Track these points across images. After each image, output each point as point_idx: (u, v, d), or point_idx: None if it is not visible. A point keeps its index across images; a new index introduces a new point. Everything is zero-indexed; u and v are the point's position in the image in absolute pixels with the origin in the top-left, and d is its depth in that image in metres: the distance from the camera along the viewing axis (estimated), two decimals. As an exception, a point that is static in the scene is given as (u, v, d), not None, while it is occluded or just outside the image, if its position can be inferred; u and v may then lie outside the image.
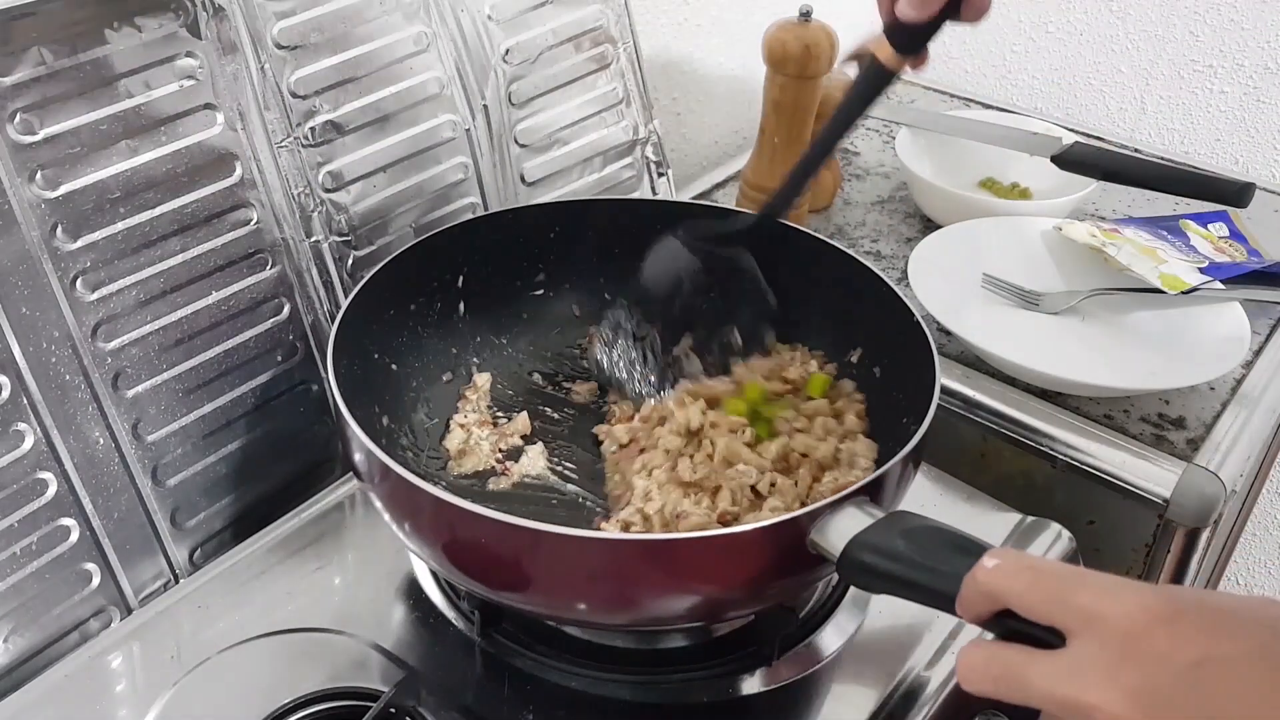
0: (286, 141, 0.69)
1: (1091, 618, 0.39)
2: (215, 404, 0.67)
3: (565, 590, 0.55)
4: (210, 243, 0.66)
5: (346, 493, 0.72)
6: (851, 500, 0.52)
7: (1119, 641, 0.38)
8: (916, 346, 0.64)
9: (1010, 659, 0.41)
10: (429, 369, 0.74)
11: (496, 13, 0.79)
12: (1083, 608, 0.40)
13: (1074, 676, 0.39)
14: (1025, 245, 0.92)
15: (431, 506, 0.54)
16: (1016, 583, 0.42)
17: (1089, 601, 0.40)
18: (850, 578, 0.52)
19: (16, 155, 0.58)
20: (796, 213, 0.96)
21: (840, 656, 0.63)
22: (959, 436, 0.82)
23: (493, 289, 0.77)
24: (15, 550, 0.60)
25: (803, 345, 0.75)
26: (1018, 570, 0.42)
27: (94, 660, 0.61)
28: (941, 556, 0.47)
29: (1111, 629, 0.39)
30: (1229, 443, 0.79)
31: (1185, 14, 1.17)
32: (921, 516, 0.51)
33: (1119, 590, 0.40)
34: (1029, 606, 0.41)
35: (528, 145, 0.83)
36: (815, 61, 0.88)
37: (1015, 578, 0.42)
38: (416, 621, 0.64)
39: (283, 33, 0.68)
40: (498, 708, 0.59)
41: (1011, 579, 0.42)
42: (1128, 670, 0.38)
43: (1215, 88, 1.19)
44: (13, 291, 0.58)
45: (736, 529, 0.52)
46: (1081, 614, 0.40)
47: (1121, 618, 0.39)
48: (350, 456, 0.59)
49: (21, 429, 0.59)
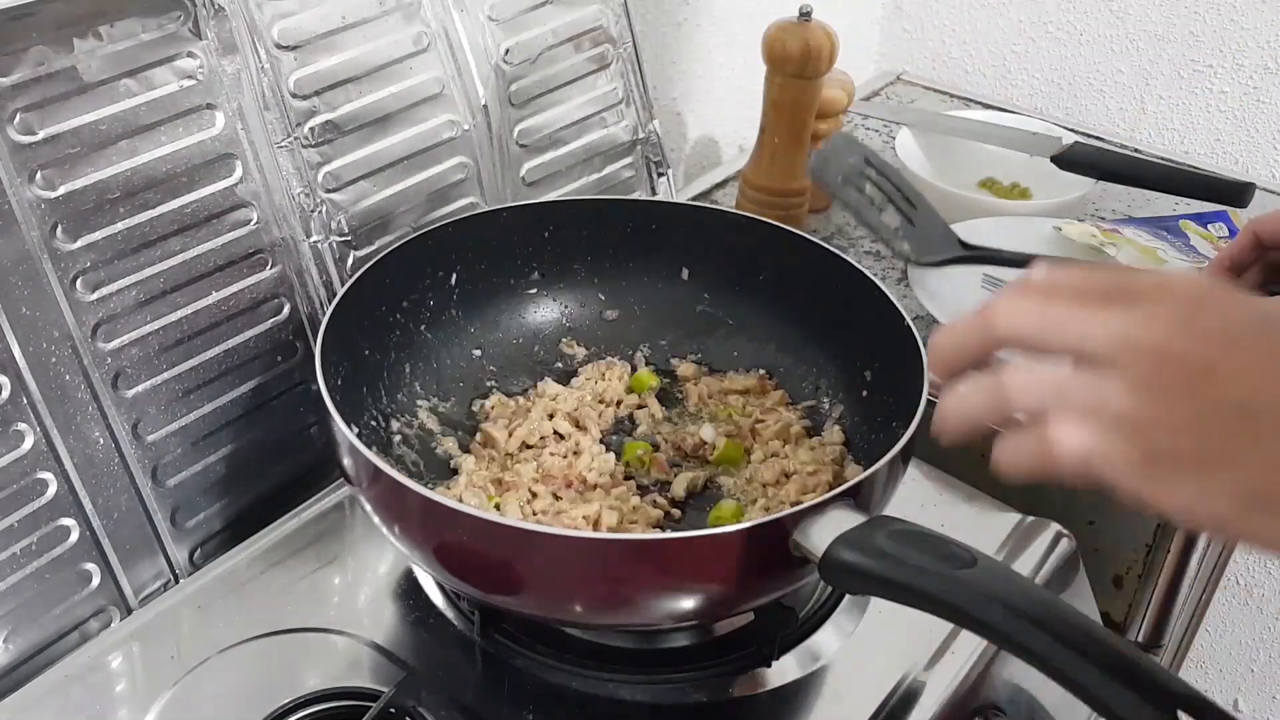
0: (286, 141, 0.69)
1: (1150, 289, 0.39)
2: (215, 404, 0.67)
3: (554, 590, 0.55)
4: (210, 243, 0.66)
5: (346, 493, 0.72)
6: (835, 503, 0.53)
7: (1187, 300, 0.38)
8: (907, 350, 0.64)
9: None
10: (422, 368, 0.74)
11: (496, 13, 0.79)
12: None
13: (1142, 323, 0.38)
14: (1025, 245, 0.91)
15: (420, 507, 0.54)
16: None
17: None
18: (832, 579, 0.52)
19: (16, 155, 0.58)
20: (796, 214, 0.96)
21: (840, 656, 0.63)
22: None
23: (486, 287, 0.77)
24: (15, 550, 0.60)
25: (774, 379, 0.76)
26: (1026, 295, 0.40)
27: (94, 660, 0.61)
28: (924, 559, 0.48)
29: (1177, 293, 0.38)
30: (1229, 443, 0.78)
31: (1185, 14, 1.17)
32: (905, 521, 0.51)
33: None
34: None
35: (527, 145, 0.83)
36: (815, 61, 0.88)
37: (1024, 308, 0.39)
38: (416, 621, 0.64)
39: (283, 33, 0.68)
40: (498, 708, 0.59)
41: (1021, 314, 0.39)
42: (1201, 317, 0.37)
43: (1215, 88, 1.19)
44: (13, 291, 0.58)
45: (720, 530, 0.53)
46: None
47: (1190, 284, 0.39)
48: (337, 454, 0.59)
49: (21, 429, 0.59)
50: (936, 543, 0.49)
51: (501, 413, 0.72)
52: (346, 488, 0.66)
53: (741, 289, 0.78)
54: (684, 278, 0.79)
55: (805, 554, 0.51)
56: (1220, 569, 1.17)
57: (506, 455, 0.69)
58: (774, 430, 0.71)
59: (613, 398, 0.74)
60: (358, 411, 0.67)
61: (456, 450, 0.70)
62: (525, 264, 0.78)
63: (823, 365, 0.75)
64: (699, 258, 0.78)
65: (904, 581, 0.48)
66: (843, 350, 0.73)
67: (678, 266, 0.79)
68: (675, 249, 0.78)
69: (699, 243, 0.78)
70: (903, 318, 0.66)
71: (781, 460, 0.69)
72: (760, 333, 0.77)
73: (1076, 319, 0.39)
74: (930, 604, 0.47)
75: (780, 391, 0.75)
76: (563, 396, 0.73)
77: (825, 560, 0.50)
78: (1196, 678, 1.46)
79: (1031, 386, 0.39)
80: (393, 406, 0.70)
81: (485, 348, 0.77)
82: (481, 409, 0.73)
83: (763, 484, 0.67)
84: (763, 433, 0.71)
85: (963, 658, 0.63)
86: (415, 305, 0.73)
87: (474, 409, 0.74)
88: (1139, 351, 0.38)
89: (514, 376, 0.76)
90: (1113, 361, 0.38)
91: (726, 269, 0.78)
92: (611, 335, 0.79)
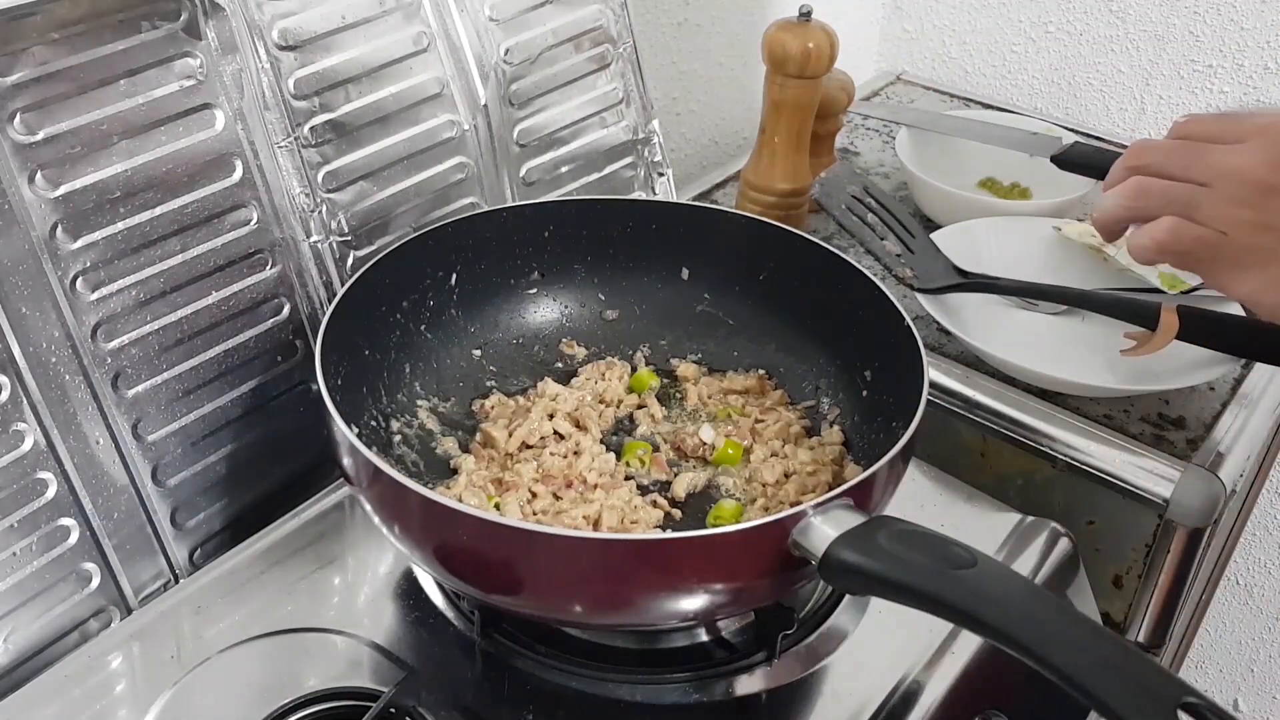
0: (286, 141, 0.69)
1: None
2: (215, 404, 0.67)
3: (554, 590, 0.55)
4: (210, 243, 0.66)
5: (346, 493, 0.72)
6: (835, 503, 0.53)
7: (1275, 141, 0.55)
8: (907, 350, 0.64)
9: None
10: (422, 368, 0.74)
11: (496, 13, 0.79)
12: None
13: (1237, 155, 0.55)
14: (1025, 245, 0.91)
15: (420, 507, 0.54)
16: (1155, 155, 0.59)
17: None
18: (832, 579, 0.52)
19: (16, 155, 0.58)
20: (796, 214, 0.96)
21: (840, 657, 0.63)
22: (959, 436, 0.82)
23: (486, 287, 0.77)
24: (15, 550, 0.60)
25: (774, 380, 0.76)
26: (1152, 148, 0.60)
27: (94, 660, 0.61)
28: (924, 559, 0.48)
29: (1270, 135, 0.55)
30: (1229, 443, 0.79)
31: (1185, 14, 1.17)
32: (905, 521, 0.51)
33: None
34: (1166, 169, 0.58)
35: (527, 145, 0.83)
36: (815, 61, 0.88)
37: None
38: (416, 621, 0.64)
39: (283, 33, 0.68)
40: (498, 708, 0.59)
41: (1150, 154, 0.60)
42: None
43: (1215, 88, 1.19)
44: (13, 291, 0.58)
45: (720, 530, 0.53)
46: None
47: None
48: (337, 454, 0.59)
49: (21, 429, 0.59)
50: (936, 543, 0.49)
51: (501, 413, 0.72)
52: (346, 488, 0.66)
53: (741, 289, 0.78)
54: (684, 278, 0.79)
55: (805, 554, 0.51)
56: (1220, 569, 1.17)
57: (506, 455, 0.69)
58: (774, 430, 0.71)
59: (613, 398, 0.74)
60: (358, 411, 0.67)
61: (456, 450, 0.70)
62: (525, 264, 0.78)
63: (823, 365, 0.75)
64: (699, 258, 0.78)
65: (904, 581, 0.48)
66: (843, 350, 0.73)
67: (678, 266, 0.79)
68: (675, 249, 0.78)
69: (699, 243, 0.78)
70: (903, 318, 0.66)
71: (781, 460, 0.69)
72: (760, 333, 0.77)
73: (1191, 153, 0.57)
74: (930, 604, 0.47)
75: (780, 391, 0.75)
76: (563, 396, 0.73)
77: (825, 560, 0.50)
78: (1196, 678, 1.46)
79: (1152, 195, 0.59)
80: (393, 406, 0.70)
81: (485, 348, 0.77)
82: (481, 409, 0.73)
83: (763, 484, 0.67)
84: (763, 433, 0.71)
85: (963, 658, 0.63)
86: (415, 305, 0.73)
87: (474, 409, 0.74)
88: (1229, 175, 0.55)
89: (514, 376, 0.76)
90: (1210, 182, 0.56)
91: (726, 269, 0.78)
92: (611, 335, 0.79)
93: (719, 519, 0.65)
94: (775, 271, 0.76)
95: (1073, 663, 0.43)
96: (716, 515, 0.66)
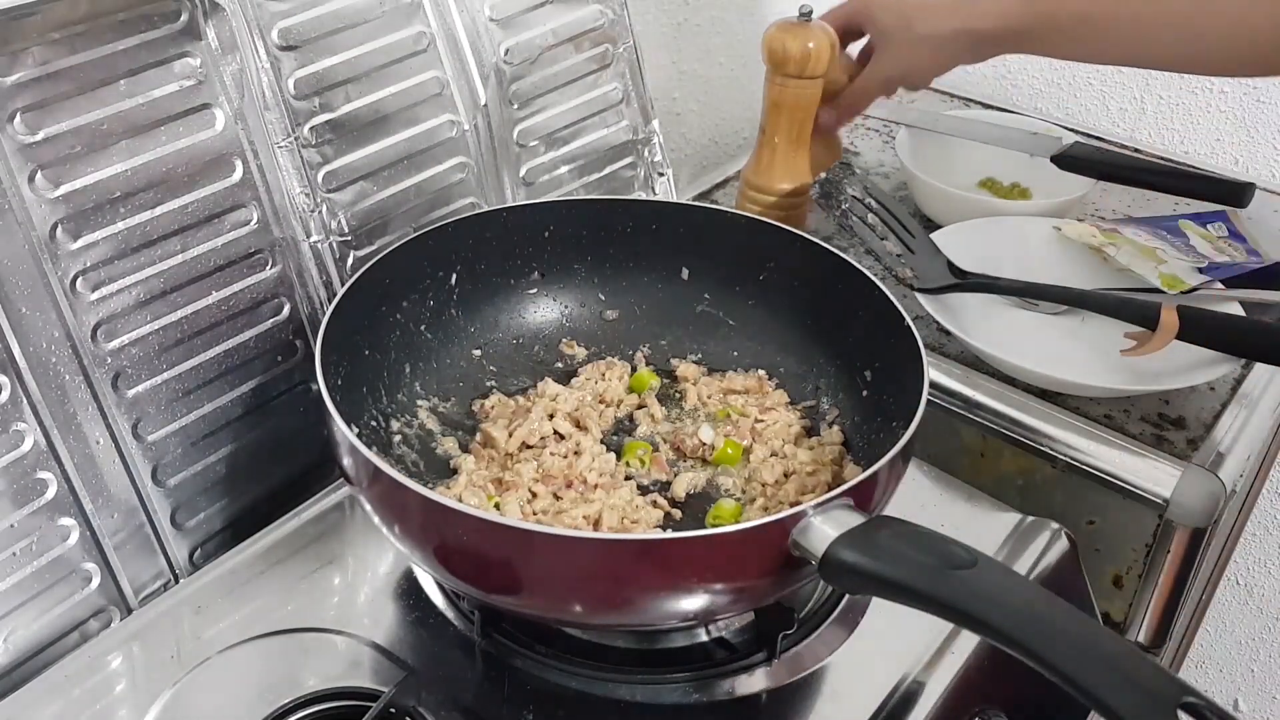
0: (286, 141, 0.69)
1: None
2: (215, 404, 0.67)
3: (554, 590, 0.55)
4: (210, 243, 0.66)
5: (346, 493, 0.72)
6: (835, 503, 0.53)
7: None
8: (907, 350, 0.64)
9: None
10: (422, 368, 0.74)
11: (496, 13, 0.79)
12: None
13: None
14: (1025, 245, 0.91)
15: (420, 507, 0.54)
16: None
17: None
18: (832, 579, 0.52)
19: (16, 155, 0.58)
20: (796, 214, 0.96)
21: (840, 657, 0.63)
22: (959, 436, 0.82)
23: (486, 287, 0.77)
24: (15, 550, 0.60)
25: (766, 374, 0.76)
26: None
27: (94, 660, 0.61)
28: (924, 559, 0.48)
29: None
30: (1229, 443, 0.79)
31: (1185, 14, 1.17)
32: (905, 521, 0.51)
33: None
34: None
35: (527, 145, 0.83)
36: (815, 61, 0.88)
37: None
38: (416, 621, 0.64)
39: (283, 33, 0.68)
40: (498, 708, 0.59)
41: None
42: None
43: (1215, 88, 1.19)
44: (13, 291, 0.58)
45: (720, 530, 0.53)
46: None
47: None
48: (337, 454, 0.59)
49: (21, 429, 0.59)
50: (936, 543, 0.49)
51: (501, 413, 0.72)
52: (346, 488, 0.66)
53: (741, 289, 0.78)
54: (684, 278, 0.79)
55: (805, 554, 0.51)
56: (1220, 569, 1.17)
57: (506, 455, 0.69)
58: (774, 430, 0.71)
59: (613, 398, 0.74)
60: (358, 411, 0.67)
61: (456, 450, 0.70)
62: (525, 264, 0.78)
63: (823, 365, 0.75)
64: (699, 258, 0.78)
65: (904, 581, 0.48)
66: (843, 350, 0.73)
67: (678, 266, 0.79)
68: (675, 249, 0.78)
69: (699, 243, 0.78)
70: (903, 318, 0.66)
71: (781, 460, 0.69)
72: (760, 333, 0.77)
73: None
74: (930, 604, 0.47)
75: (780, 391, 0.75)
76: (563, 396, 0.73)
77: (825, 560, 0.50)
78: (1196, 678, 1.46)
79: None
80: (393, 406, 0.70)
81: (485, 348, 0.77)
82: (481, 409, 0.73)
83: (762, 484, 0.67)
84: (762, 433, 0.71)
85: (963, 658, 0.63)
86: (415, 305, 0.73)
87: (474, 409, 0.73)
88: None
89: (514, 376, 0.76)
90: None
91: (726, 269, 0.78)
92: (611, 335, 0.79)
93: (719, 519, 0.65)
94: (775, 271, 0.76)
95: (1073, 663, 0.43)
96: (716, 515, 0.66)
